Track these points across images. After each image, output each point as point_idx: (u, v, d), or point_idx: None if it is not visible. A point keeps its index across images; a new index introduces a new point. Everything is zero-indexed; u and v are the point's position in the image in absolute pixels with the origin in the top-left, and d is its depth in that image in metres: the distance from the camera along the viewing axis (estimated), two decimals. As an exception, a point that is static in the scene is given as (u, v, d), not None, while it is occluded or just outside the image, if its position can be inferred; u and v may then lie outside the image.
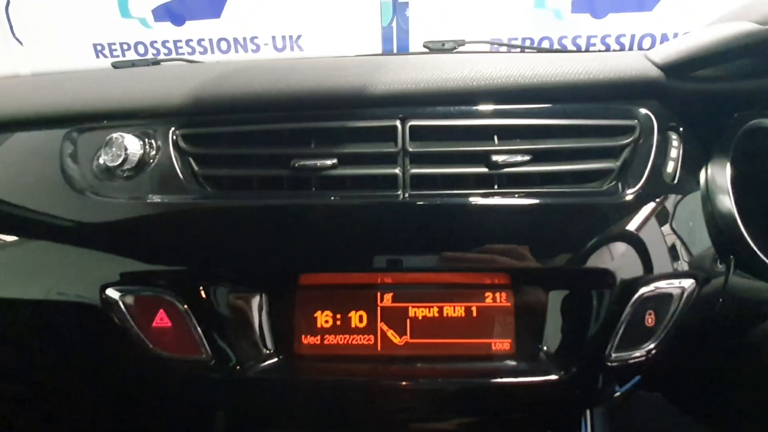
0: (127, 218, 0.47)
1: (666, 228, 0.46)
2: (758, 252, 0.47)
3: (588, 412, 0.50)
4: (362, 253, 0.46)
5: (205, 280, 0.46)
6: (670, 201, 0.47)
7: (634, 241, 0.45)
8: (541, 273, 0.46)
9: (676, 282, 0.45)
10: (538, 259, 0.45)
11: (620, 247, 0.45)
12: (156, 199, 0.47)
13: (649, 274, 0.45)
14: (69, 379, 0.52)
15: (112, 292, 0.46)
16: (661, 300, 0.45)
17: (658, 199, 0.47)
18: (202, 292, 0.45)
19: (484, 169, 0.47)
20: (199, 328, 0.45)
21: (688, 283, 0.46)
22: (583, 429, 0.51)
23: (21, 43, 1.39)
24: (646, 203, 0.46)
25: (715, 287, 0.48)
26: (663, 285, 0.45)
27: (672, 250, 0.46)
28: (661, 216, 0.47)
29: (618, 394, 0.48)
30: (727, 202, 0.48)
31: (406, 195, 0.46)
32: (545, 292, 0.46)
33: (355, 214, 0.46)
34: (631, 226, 0.46)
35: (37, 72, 1.35)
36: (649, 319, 0.45)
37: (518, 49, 1.13)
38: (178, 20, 1.37)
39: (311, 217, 0.46)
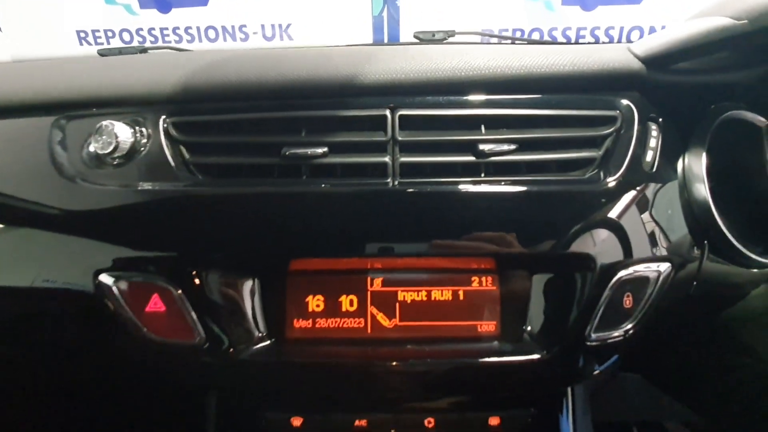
0: (119, 205, 0.47)
1: (644, 215, 0.48)
2: (730, 237, 0.49)
3: (569, 391, 0.52)
4: (352, 239, 0.47)
5: (198, 266, 0.46)
6: (649, 189, 0.49)
7: (614, 227, 0.47)
8: (525, 258, 0.47)
9: (653, 266, 0.47)
10: (523, 245, 0.46)
11: (601, 233, 0.47)
12: (147, 186, 0.48)
13: (627, 258, 0.47)
14: (62, 364, 0.53)
15: (105, 278, 0.46)
16: (639, 283, 0.47)
17: (637, 188, 0.49)
18: (195, 278, 0.46)
19: (472, 158, 0.48)
20: (192, 313, 0.46)
21: (664, 267, 0.48)
22: (565, 407, 0.53)
23: (0, 29, 1.35)
24: (626, 191, 0.48)
25: (690, 271, 0.50)
26: (640, 269, 0.47)
27: (650, 235, 0.48)
28: (640, 203, 0.49)
29: (597, 372, 0.50)
30: (702, 190, 0.50)
31: (396, 183, 0.47)
32: (529, 276, 0.48)
33: (345, 200, 0.47)
34: (612, 213, 0.47)
35: (18, 58, 1.32)
36: (627, 301, 0.47)
37: (508, 41, 1.14)
38: (165, 7, 1.35)
39: (302, 204, 0.47)
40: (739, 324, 0.55)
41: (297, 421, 0.51)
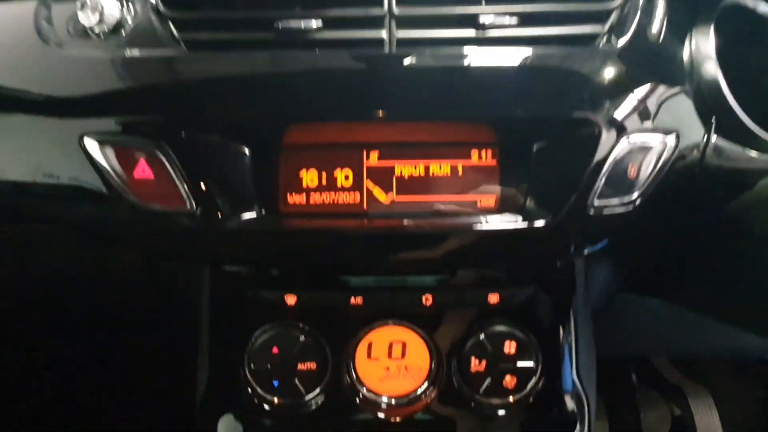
0: (105, 71, 0.46)
1: (651, 84, 0.47)
2: (739, 112, 0.48)
3: (569, 270, 0.51)
4: (347, 106, 0.45)
5: (186, 129, 0.45)
6: (656, 59, 0.48)
7: (619, 93, 0.46)
8: (526, 125, 0.46)
9: (658, 136, 0.46)
10: (524, 111, 0.45)
11: (605, 98, 0.45)
12: (135, 53, 0.46)
13: (632, 125, 0.45)
14: (49, 235, 0.52)
15: (90, 142, 0.45)
16: (644, 152, 0.46)
17: (644, 57, 0.47)
18: (184, 141, 0.44)
19: (472, 32, 0.46)
20: (181, 179, 0.44)
21: (670, 139, 0.46)
22: (565, 286, 0.52)
23: None
24: (631, 58, 0.46)
25: (697, 149, 0.49)
26: (646, 138, 0.46)
27: (655, 105, 0.47)
28: (647, 71, 0.47)
29: (599, 247, 0.49)
30: (711, 66, 0.48)
31: (393, 49, 0.45)
32: (530, 145, 0.47)
33: (340, 67, 0.45)
34: (616, 78, 0.46)
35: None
36: (632, 171, 0.46)
37: None
38: None
39: (295, 68, 0.45)
40: (748, 211, 0.54)
41: (291, 299, 0.50)
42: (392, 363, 0.51)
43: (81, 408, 0.88)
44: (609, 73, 0.46)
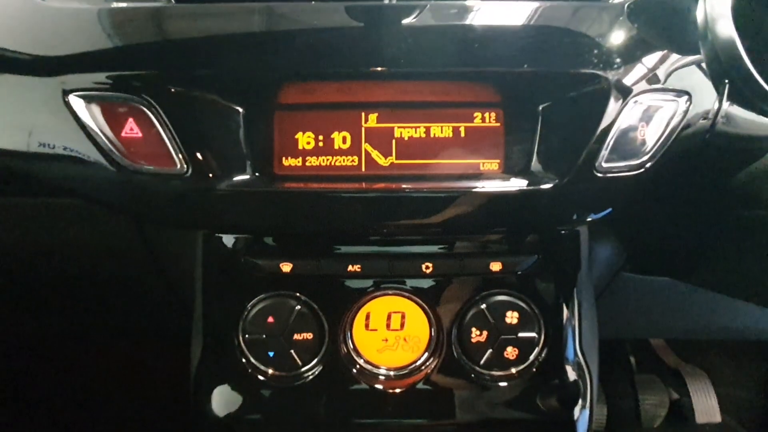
0: (91, 23, 0.44)
1: (662, 43, 0.45)
2: (756, 74, 0.46)
3: (573, 237, 0.50)
4: (344, 58, 0.43)
5: (175, 86, 0.42)
6: (668, 17, 0.45)
7: (629, 51, 0.44)
8: (531, 84, 0.44)
9: (669, 96, 0.44)
10: (530, 65, 0.43)
11: (614, 56, 0.43)
12: (122, 4, 0.44)
13: (642, 85, 0.43)
14: (37, 205, 0.50)
15: (75, 99, 0.42)
16: (654, 112, 0.44)
17: (655, 13, 0.45)
18: (172, 100, 0.42)
19: None
20: (170, 138, 0.42)
21: (681, 101, 0.44)
22: (569, 254, 0.51)
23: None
24: (643, 14, 0.44)
25: (708, 112, 0.47)
26: (657, 99, 0.44)
27: (667, 65, 0.45)
28: (658, 30, 0.45)
29: (604, 214, 0.47)
30: (727, 26, 0.46)
31: (393, 1, 0.43)
32: (536, 105, 0.45)
33: (338, 18, 0.43)
34: (627, 35, 0.44)
35: None
36: (641, 132, 0.44)
37: None
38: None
39: (290, 21, 0.43)
40: (757, 181, 0.52)
41: (286, 267, 0.48)
42: (391, 334, 0.49)
43: (72, 382, 0.88)
44: (619, 30, 0.44)
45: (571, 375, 0.51)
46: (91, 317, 0.68)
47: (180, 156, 0.43)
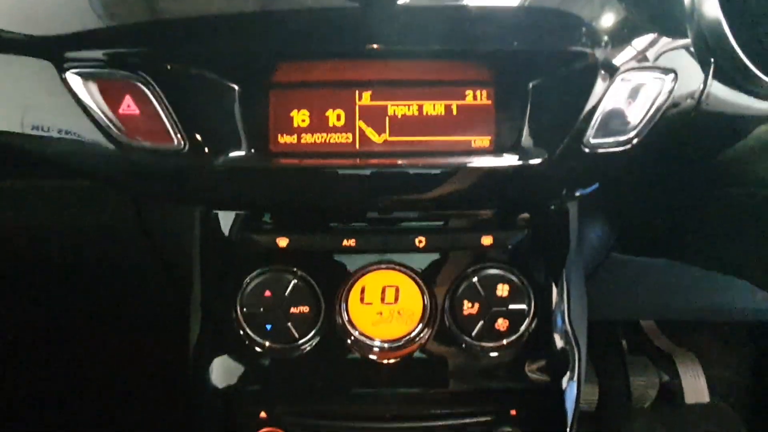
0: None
1: (649, 22, 0.46)
2: (740, 53, 0.47)
3: (562, 214, 0.51)
4: (337, 37, 0.44)
5: (172, 63, 0.43)
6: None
7: (617, 30, 0.45)
8: (521, 62, 0.45)
9: (656, 74, 0.45)
10: (520, 44, 0.44)
11: (602, 34, 0.44)
12: None
13: (629, 63, 0.44)
14: (36, 186, 0.51)
15: (73, 77, 0.43)
16: (641, 90, 0.45)
17: None
18: (169, 77, 0.43)
19: None
20: (167, 115, 0.43)
21: (667, 79, 0.46)
22: (560, 227, 0.52)
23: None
24: None
25: (694, 92, 0.48)
26: (643, 76, 0.45)
27: (654, 44, 0.46)
28: (645, 9, 0.46)
29: (592, 189, 0.49)
30: (713, 6, 0.47)
31: None
32: (526, 83, 0.46)
33: None
34: (614, 14, 0.45)
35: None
36: (628, 110, 0.45)
37: None
38: None
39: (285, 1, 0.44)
40: (743, 159, 0.53)
41: (283, 242, 0.50)
42: (385, 307, 0.51)
43: (71, 358, 0.89)
44: (608, 10, 0.45)
45: (560, 346, 0.53)
46: (88, 301, 0.69)
47: (177, 133, 0.44)
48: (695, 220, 0.61)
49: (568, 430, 0.55)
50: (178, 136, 0.44)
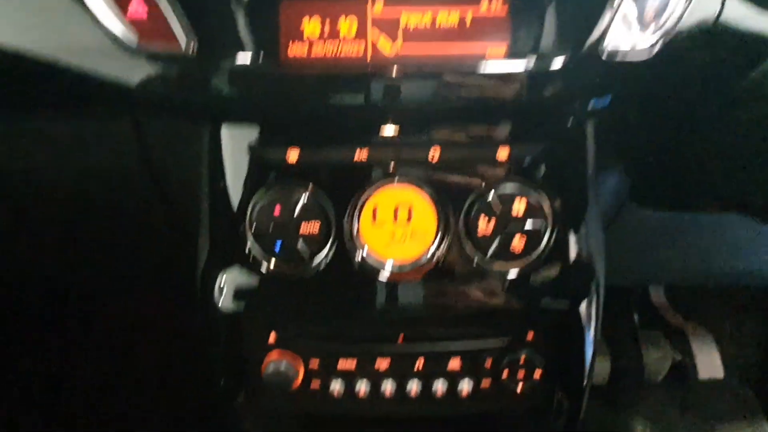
0: None
1: None
2: None
3: (581, 130, 0.50)
4: None
5: None
6: None
7: None
8: None
9: None
10: None
11: None
12: None
13: None
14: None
15: None
16: None
17: None
18: None
19: None
20: (176, 18, 0.42)
21: None
22: (578, 143, 0.51)
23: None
24: None
25: (713, 4, 0.47)
26: None
27: None
28: None
29: (609, 103, 0.48)
30: None
31: None
32: None
33: None
34: None
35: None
36: (645, 15, 0.44)
37: None
38: None
39: None
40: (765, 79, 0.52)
41: (293, 156, 0.48)
42: (398, 228, 0.49)
43: (78, 303, 0.88)
44: None
45: (579, 268, 0.51)
46: (95, 243, 0.68)
47: (185, 36, 0.43)
48: (704, 153, 0.59)
49: (587, 361, 0.53)
50: (186, 40, 0.43)
